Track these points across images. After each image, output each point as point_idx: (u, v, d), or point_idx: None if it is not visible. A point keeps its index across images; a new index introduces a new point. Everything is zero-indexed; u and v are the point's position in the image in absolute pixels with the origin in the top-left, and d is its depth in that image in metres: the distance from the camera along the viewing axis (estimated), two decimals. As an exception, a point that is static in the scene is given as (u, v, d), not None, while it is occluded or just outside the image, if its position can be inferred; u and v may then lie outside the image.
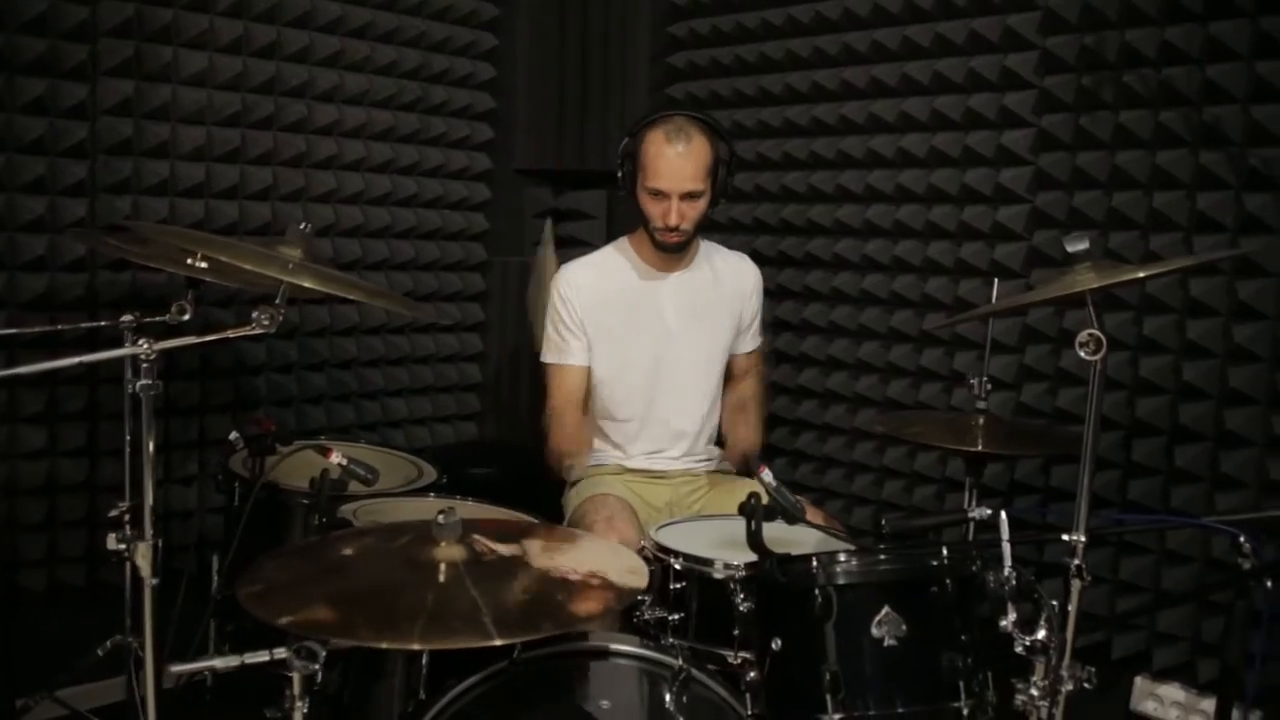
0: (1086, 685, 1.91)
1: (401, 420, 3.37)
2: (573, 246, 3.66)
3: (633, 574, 1.76)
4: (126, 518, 2.44)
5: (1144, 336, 2.55)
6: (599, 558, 1.84)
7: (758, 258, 2.99)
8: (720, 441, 2.78)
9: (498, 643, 1.54)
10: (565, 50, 3.59)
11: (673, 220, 2.49)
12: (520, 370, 3.67)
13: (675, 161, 2.46)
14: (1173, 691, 2.60)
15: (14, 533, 2.67)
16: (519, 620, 1.59)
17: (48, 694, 2.55)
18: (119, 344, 2.43)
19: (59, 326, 2.51)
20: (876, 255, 3.01)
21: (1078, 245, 1.84)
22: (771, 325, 3.24)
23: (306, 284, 1.86)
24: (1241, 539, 1.91)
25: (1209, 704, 2.51)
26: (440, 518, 1.74)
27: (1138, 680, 2.65)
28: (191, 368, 2.90)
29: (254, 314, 1.88)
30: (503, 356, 3.67)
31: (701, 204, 2.53)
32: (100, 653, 2.54)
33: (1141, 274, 1.72)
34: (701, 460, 2.75)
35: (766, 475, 1.84)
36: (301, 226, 2.00)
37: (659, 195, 2.50)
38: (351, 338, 3.22)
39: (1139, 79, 2.52)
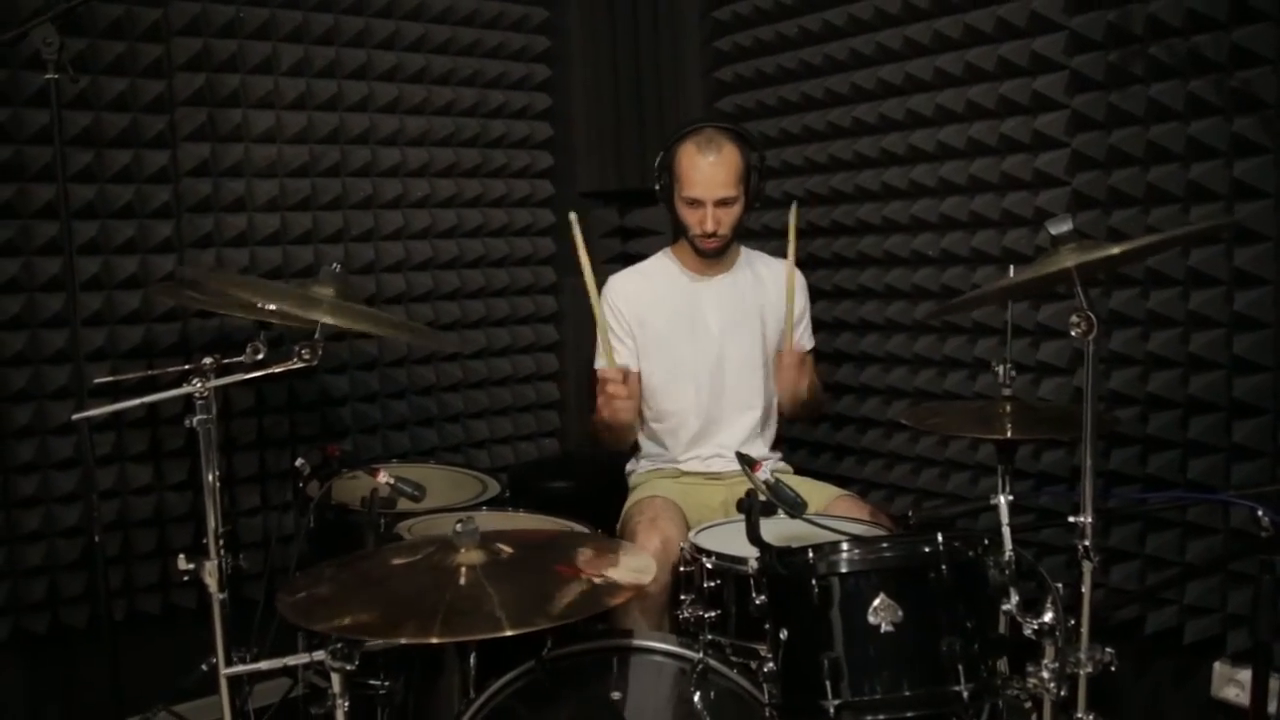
0: (1111, 667, 1.91)
1: (484, 440, 3.54)
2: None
3: (634, 573, 1.85)
4: (221, 542, 2.68)
5: (1191, 311, 2.50)
6: (610, 560, 1.94)
7: (814, 259, 3.05)
8: (778, 441, 2.87)
9: (509, 633, 1.65)
10: (618, 74, 3.72)
11: (709, 226, 2.63)
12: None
13: (707, 170, 2.62)
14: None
15: (129, 562, 2.94)
16: (527, 614, 1.70)
17: (164, 706, 2.80)
18: (206, 385, 2.69)
19: (152, 372, 2.76)
20: (925, 249, 3.01)
21: (1061, 227, 1.85)
22: (831, 326, 3.28)
23: (337, 322, 2.03)
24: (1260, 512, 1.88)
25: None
26: (458, 527, 1.89)
27: (1216, 666, 2.58)
28: (280, 402, 3.13)
29: (295, 348, 2.07)
30: (580, 373, 3.79)
31: (735, 209, 2.66)
32: (204, 668, 2.77)
33: (1115, 250, 1.72)
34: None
35: (762, 473, 1.91)
36: (333, 266, 2.19)
37: (695, 203, 2.65)
38: (430, 365, 3.40)
39: (1166, 50, 2.47)
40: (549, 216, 3.63)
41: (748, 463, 1.91)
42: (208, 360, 2.66)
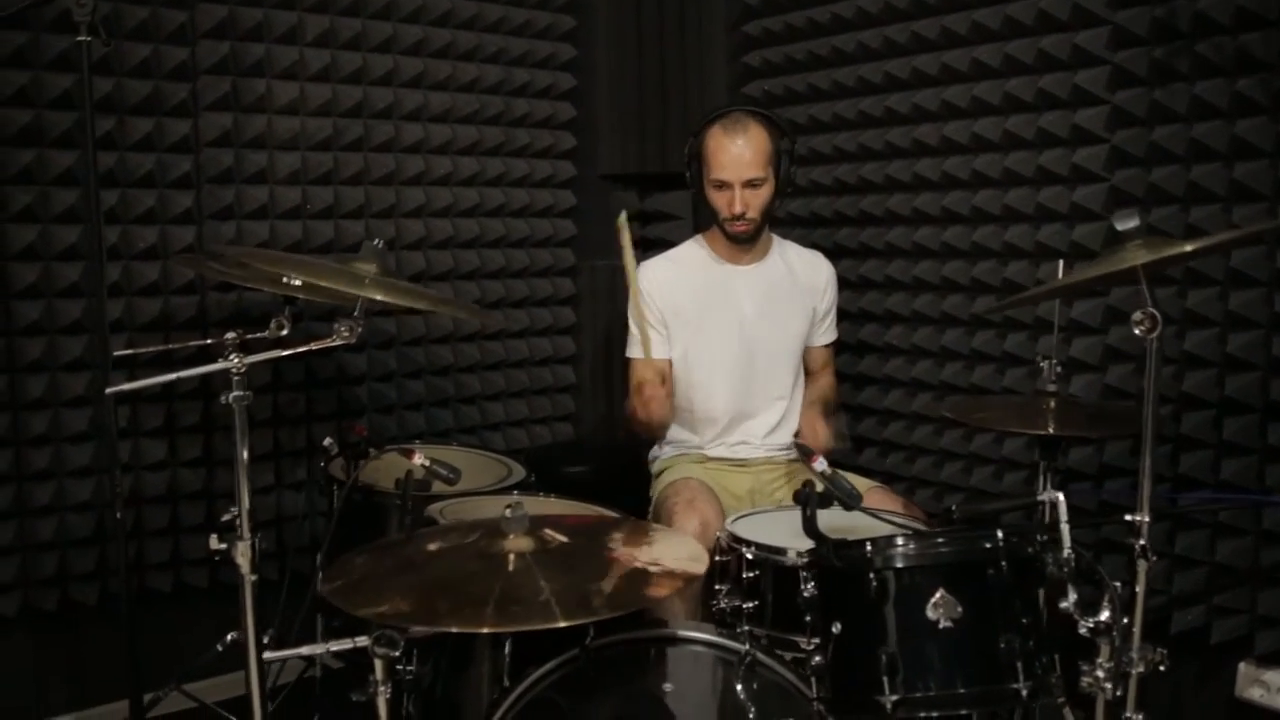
0: (1161, 667, 1.90)
1: (499, 423, 3.49)
2: (662, 248, 3.73)
3: (692, 560, 1.82)
4: (239, 521, 2.63)
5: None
6: (661, 547, 1.91)
7: (840, 249, 3.01)
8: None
9: (561, 624, 1.62)
10: (643, 57, 3.67)
11: (737, 208, 2.61)
12: (613, 370, 3.74)
13: (734, 151, 2.59)
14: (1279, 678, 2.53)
15: (141, 538, 2.88)
16: (580, 604, 1.67)
17: (175, 686, 2.75)
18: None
19: (171, 346, 2.71)
20: (955, 241, 2.99)
21: (1128, 223, 1.83)
22: (856, 316, 3.26)
23: (378, 297, 1.98)
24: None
25: (1320, 689, 2.44)
26: (508, 512, 1.84)
27: (1241, 666, 2.58)
28: (297, 379, 3.08)
29: (334, 325, 2.02)
30: (596, 358, 3.76)
31: (764, 192, 2.63)
32: (220, 648, 2.72)
33: (1188, 247, 1.70)
34: (783, 449, 2.79)
35: (820, 464, 1.88)
36: (375, 243, 2.13)
37: (723, 186, 2.62)
38: (447, 345, 3.36)
39: (1213, 47, 2.45)
40: (570, 198, 3.59)
41: (805, 453, 1.88)
42: (230, 335, 2.62)
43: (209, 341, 2.67)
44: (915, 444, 3.14)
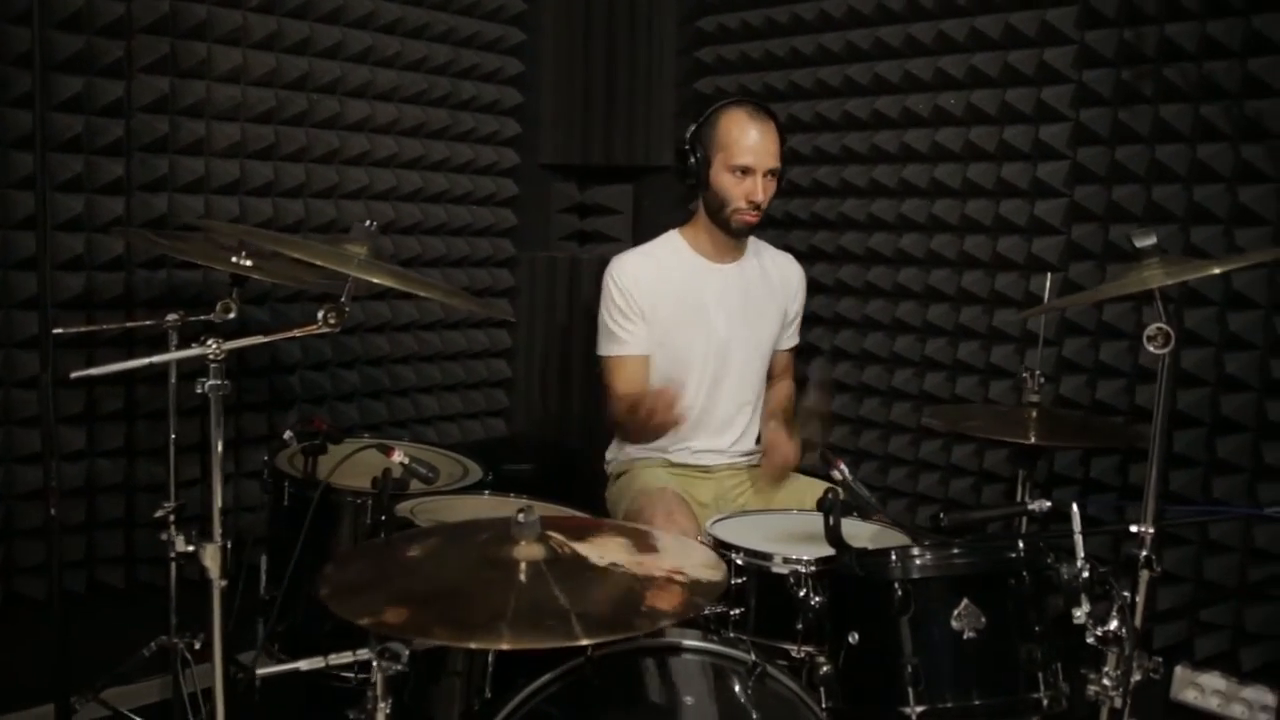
0: (1154, 675, 1.95)
1: (432, 417, 3.36)
2: (599, 242, 3.67)
3: (711, 569, 1.76)
4: (171, 518, 2.44)
5: (1185, 329, 2.57)
6: (676, 555, 1.84)
7: (792, 252, 3.00)
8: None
9: (585, 642, 1.54)
10: (591, 45, 3.57)
11: (759, 196, 2.55)
12: (549, 366, 3.65)
13: (762, 139, 2.53)
14: (1214, 680, 2.63)
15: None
16: (606, 619, 1.59)
17: (94, 694, 2.54)
18: (160, 343, 2.44)
19: (103, 326, 2.49)
20: (911, 249, 3.02)
21: (1146, 240, 1.85)
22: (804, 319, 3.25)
23: (376, 280, 1.86)
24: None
25: (1252, 692, 2.55)
26: (520, 516, 1.74)
27: (1178, 669, 2.68)
28: (228, 366, 2.86)
29: (319, 313, 1.88)
30: (531, 352, 3.65)
31: (774, 185, 2.59)
32: (146, 653, 2.53)
33: (1216, 269, 1.73)
34: (746, 455, 2.75)
35: (843, 470, 1.85)
36: (367, 224, 1.99)
37: (745, 173, 2.54)
38: (384, 335, 3.20)
39: (1179, 73, 2.54)
40: (512, 187, 3.47)
41: (827, 460, 1.85)
42: (172, 316, 2.45)
43: (147, 323, 2.48)
44: (862, 448, 3.16)
